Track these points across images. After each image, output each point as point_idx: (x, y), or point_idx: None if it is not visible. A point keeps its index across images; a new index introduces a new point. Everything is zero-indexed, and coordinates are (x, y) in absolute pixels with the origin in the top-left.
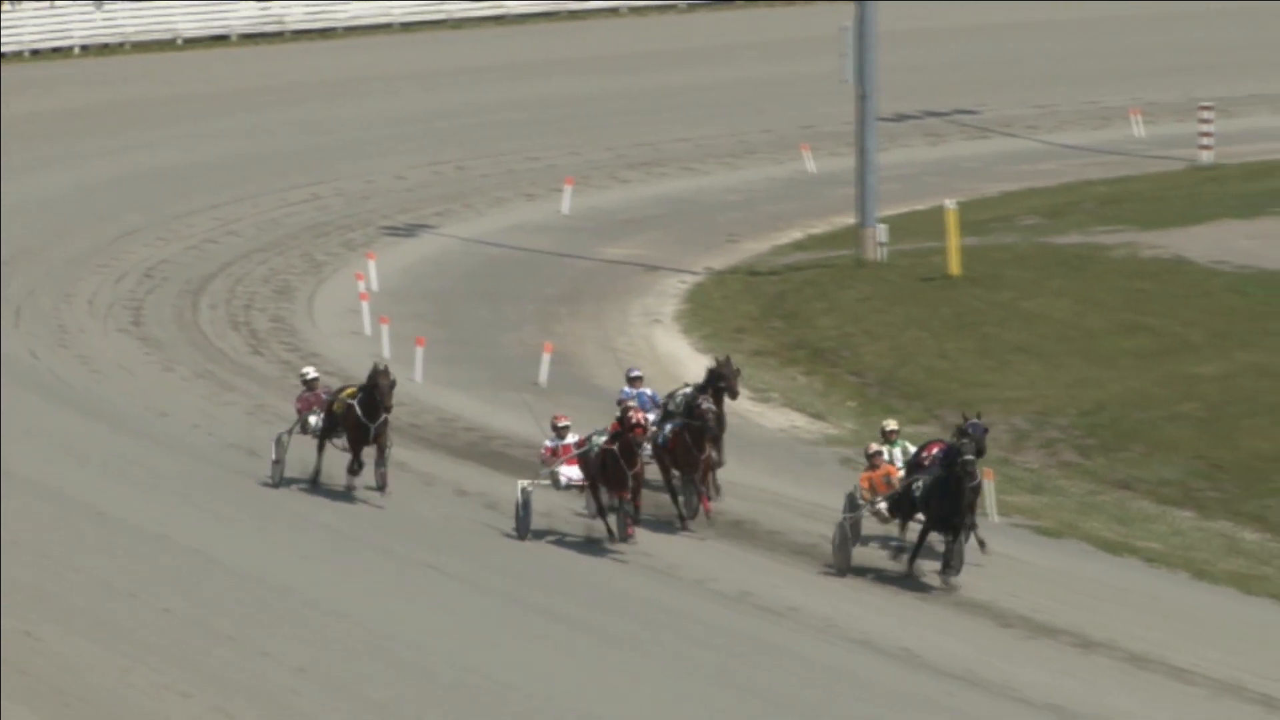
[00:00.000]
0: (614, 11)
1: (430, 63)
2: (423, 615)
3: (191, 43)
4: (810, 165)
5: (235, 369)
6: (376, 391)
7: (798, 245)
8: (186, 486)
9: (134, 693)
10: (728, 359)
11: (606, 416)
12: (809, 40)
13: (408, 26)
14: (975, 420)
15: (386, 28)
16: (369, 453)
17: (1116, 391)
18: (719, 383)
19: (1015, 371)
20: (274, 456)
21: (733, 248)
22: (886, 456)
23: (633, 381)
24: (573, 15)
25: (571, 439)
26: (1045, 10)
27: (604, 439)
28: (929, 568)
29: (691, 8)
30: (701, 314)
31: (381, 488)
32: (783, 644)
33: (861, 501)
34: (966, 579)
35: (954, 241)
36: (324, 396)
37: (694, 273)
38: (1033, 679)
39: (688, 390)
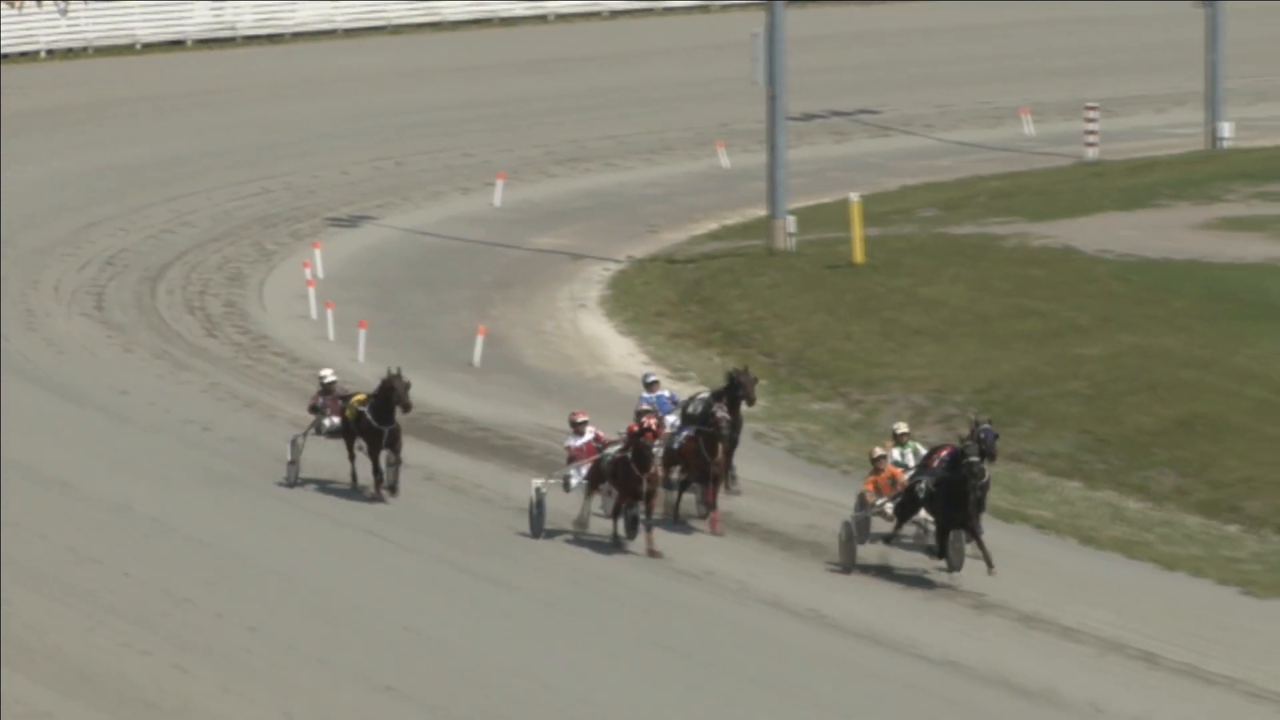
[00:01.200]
0: (542, 18)
1: (371, 66)
2: (364, 578)
3: (150, 47)
4: (725, 161)
5: (191, 350)
6: (394, 394)
7: (713, 235)
8: (146, 459)
9: (97, 651)
10: (746, 369)
11: (538, 395)
12: (723, 45)
13: (350, 32)
14: (987, 425)
15: (330, 33)
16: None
17: (1009, 371)
18: (737, 391)
19: (915, 352)
20: (289, 458)
21: (653, 237)
22: (898, 456)
23: (649, 386)
24: (504, 21)
25: (590, 434)
26: (942, 15)
27: (618, 447)
28: (909, 563)
29: (614, 15)
30: (624, 299)
31: (392, 488)
32: (699, 604)
33: (872, 502)
34: (868, 545)
35: (858, 232)
36: (339, 401)
37: (617, 261)
38: (932, 637)
39: (704, 396)
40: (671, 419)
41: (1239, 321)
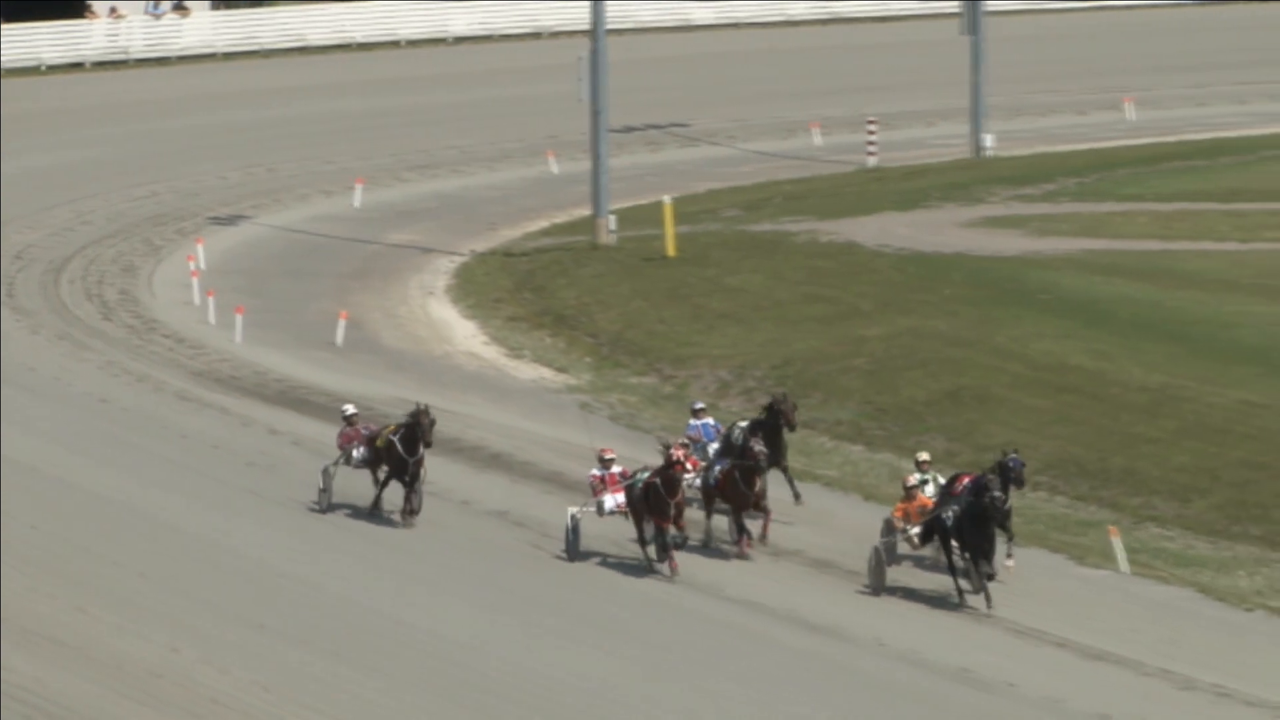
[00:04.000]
0: (395, 43)
1: (247, 85)
2: (244, 529)
3: (53, 69)
4: (554, 168)
5: (89, 332)
6: (418, 429)
7: (545, 232)
8: (50, 427)
9: (8, 595)
10: (785, 395)
11: (393, 371)
12: (553, 67)
13: (228, 55)
14: (1014, 455)
15: (211, 56)
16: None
17: (801, 349)
18: (777, 419)
19: (719, 333)
20: (321, 485)
21: (492, 234)
22: (917, 482)
23: (696, 414)
24: (361, 46)
25: (616, 470)
26: (739, 42)
27: (648, 474)
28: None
29: (458, 40)
30: (467, 287)
31: (415, 511)
32: (535, 554)
33: (900, 528)
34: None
35: (670, 229)
36: (364, 432)
37: (461, 254)
38: (733, 581)
39: (745, 425)
40: (715, 446)
41: (999, 307)
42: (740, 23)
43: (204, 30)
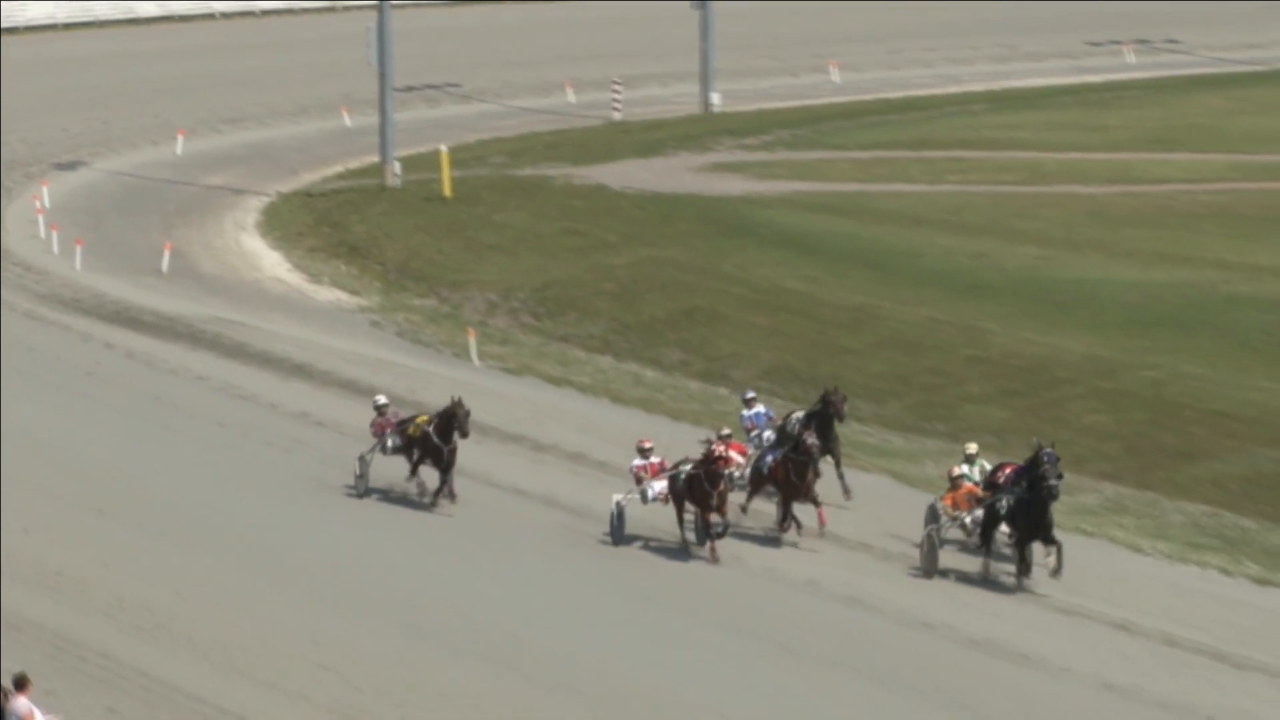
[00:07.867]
0: (211, 16)
1: (84, 51)
2: (82, 429)
3: None
4: (348, 121)
5: None
6: (455, 420)
7: (340, 176)
8: None
9: None
10: (836, 389)
11: (210, 294)
12: (346, 35)
13: (68, 26)
14: (1050, 449)
15: (53, 27)
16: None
17: (558, 275)
18: (828, 409)
19: (489, 262)
20: (358, 472)
21: (295, 178)
22: (967, 471)
23: (748, 403)
24: (183, 19)
25: (655, 459)
26: (506, 14)
27: (690, 466)
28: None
29: (265, 14)
30: (274, 223)
31: (452, 497)
32: (333, 451)
33: (952, 515)
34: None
35: (446, 173)
36: (394, 421)
37: (268, 195)
38: (510, 473)
39: (799, 416)
40: (769, 434)
41: (725, 239)
42: None
43: (47, 4)
